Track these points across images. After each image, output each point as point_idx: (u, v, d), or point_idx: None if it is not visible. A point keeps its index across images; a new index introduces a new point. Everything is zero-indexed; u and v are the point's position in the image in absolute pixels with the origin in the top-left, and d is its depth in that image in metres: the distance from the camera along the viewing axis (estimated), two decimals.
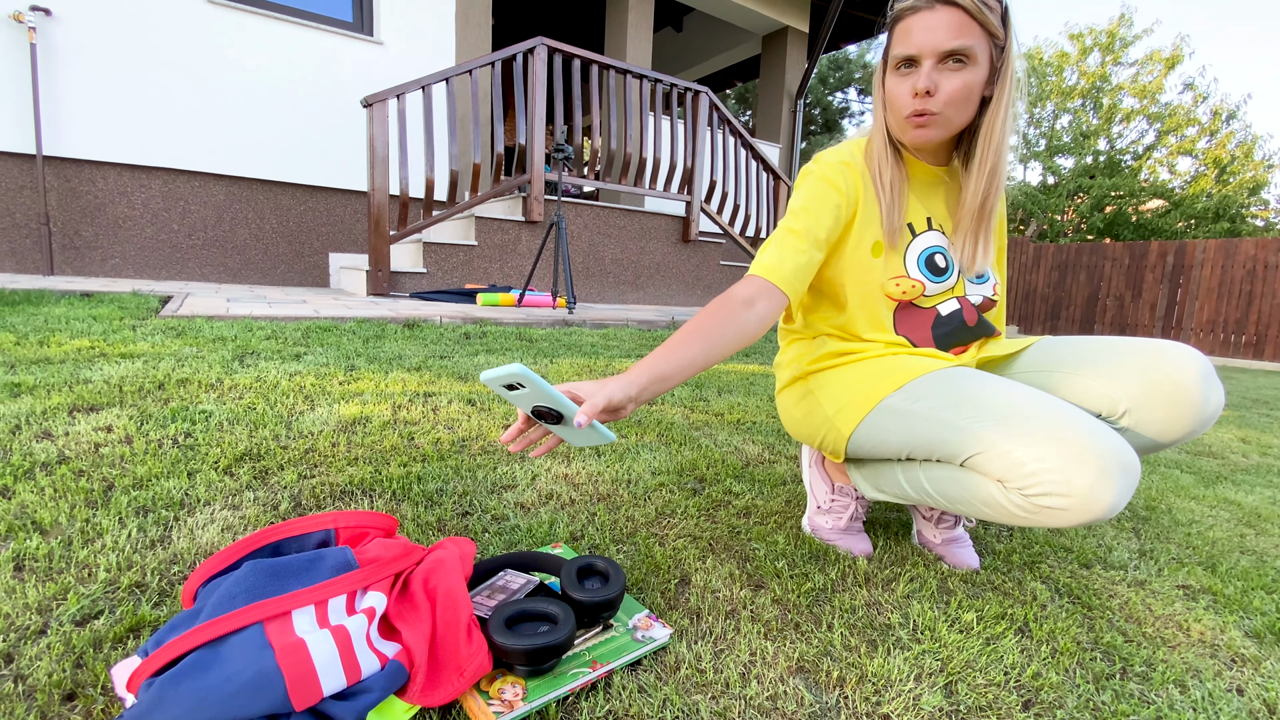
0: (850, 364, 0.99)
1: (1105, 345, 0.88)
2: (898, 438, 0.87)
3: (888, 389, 0.89)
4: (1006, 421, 0.74)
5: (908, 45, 0.85)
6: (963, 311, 0.99)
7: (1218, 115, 13.04)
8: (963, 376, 0.84)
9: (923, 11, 0.84)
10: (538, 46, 4.03)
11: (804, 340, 1.08)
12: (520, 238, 4.24)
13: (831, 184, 0.94)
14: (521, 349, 2.57)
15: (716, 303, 0.85)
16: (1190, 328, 8.42)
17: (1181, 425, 0.80)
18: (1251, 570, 1.23)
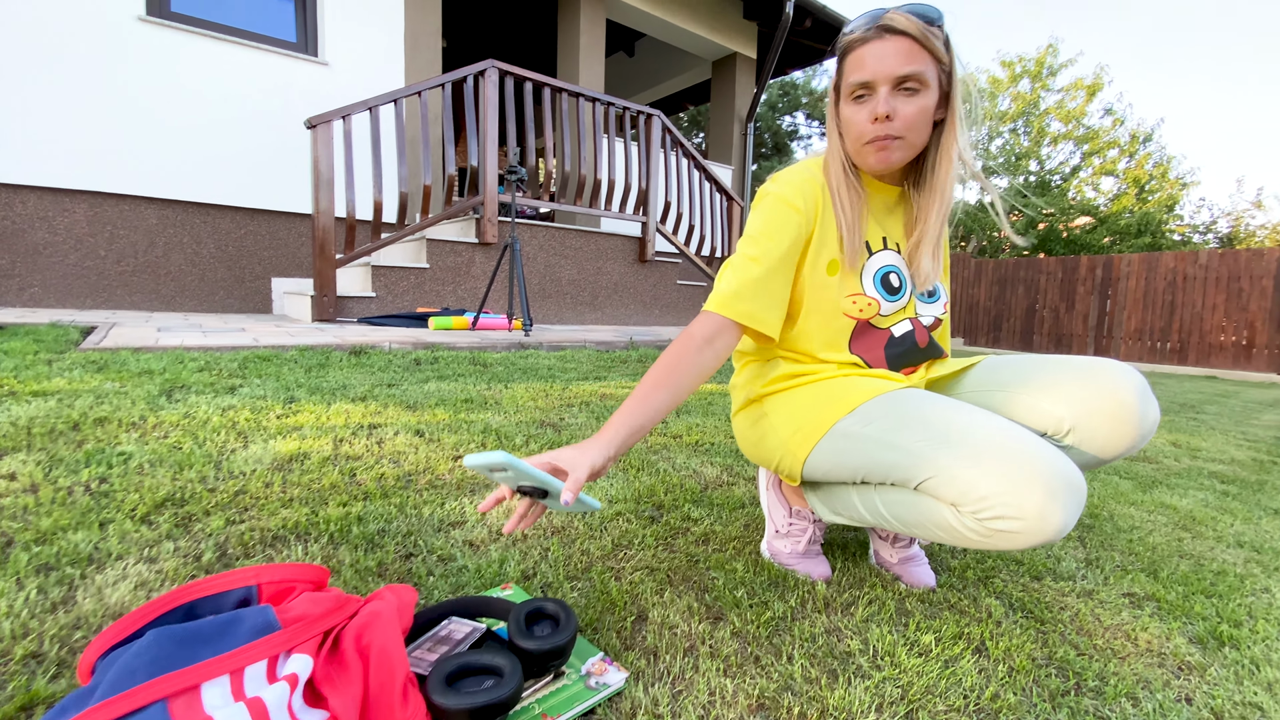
0: (804, 385, 0.98)
1: (1047, 364, 0.90)
2: (852, 461, 0.87)
3: (841, 412, 0.89)
4: (958, 445, 0.74)
5: (862, 73, 0.87)
6: (915, 333, 1.00)
7: (1135, 138, 13.99)
8: (914, 398, 0.85)
9: (873, 42, 0.87)
10: (488, 69, 4.01)
11: (758, 362, 1.08)
12: (474, 260, 4.17)
13: (789, 204, 0.94)
14: (475, 374, 2.51)
15: (677, 344, 0.88)
16: (1120, 336, 8.90)
17: (1123, 440, 0.82)
18: (1190, 574, 1.27)
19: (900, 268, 1.00)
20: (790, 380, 1.00)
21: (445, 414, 1.85)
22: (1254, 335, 7.68)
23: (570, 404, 2.16)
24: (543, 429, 1.81)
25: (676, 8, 7.10)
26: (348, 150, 3.51)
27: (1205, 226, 14.69)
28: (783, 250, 0.93)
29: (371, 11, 4.82)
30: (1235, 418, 3.82)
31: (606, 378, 2.74)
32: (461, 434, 1.67)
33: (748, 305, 0.92)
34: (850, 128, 0.91)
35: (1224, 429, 3.27)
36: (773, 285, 0.93)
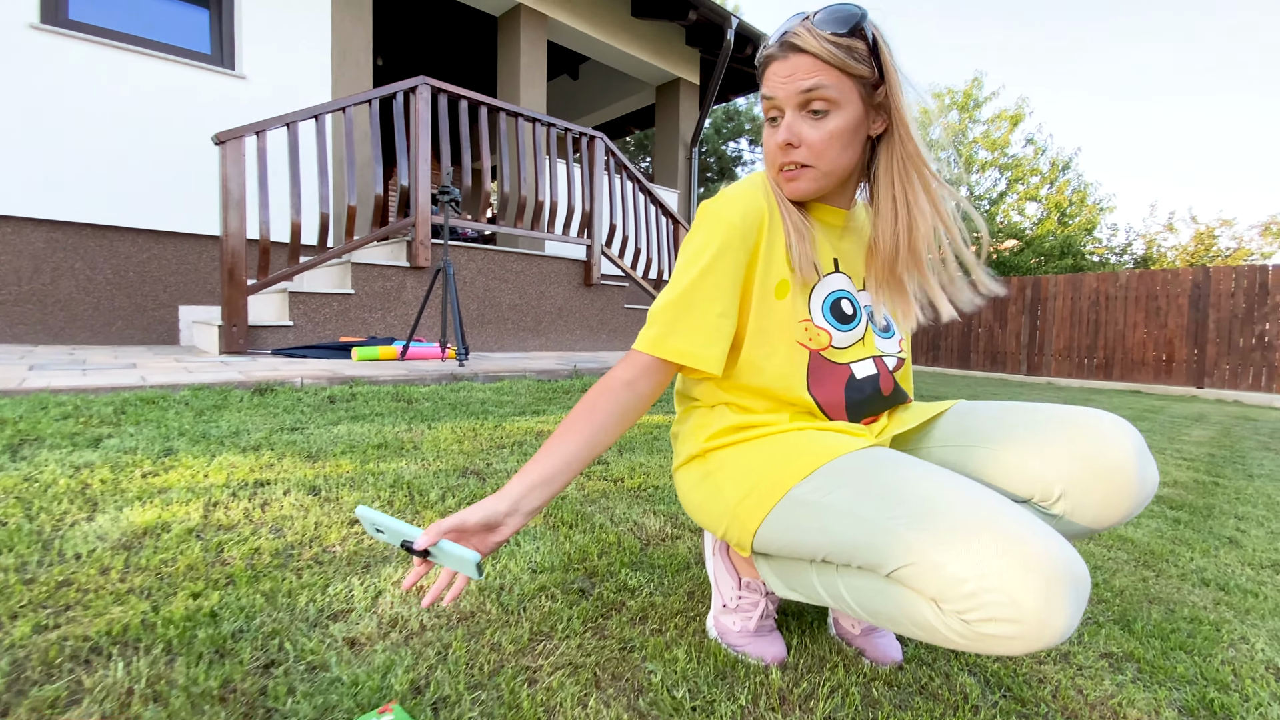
0: (753, 440, 0.84)
1: (1028, 416, 0.78)
2: (811, 538, 0.72)
3: (796, 475, 0.74)
4: (936, 522, 0.60)
5: (768, 91, 0.80)
6: (879, 378, 0.87)
7: (1055, 166, 14.89)
8: (882, 461, 0.71)
9: (776, 61, 0.79)
10: (420, 85, 3.82)
11: (701, 409, 0.92)
12: (405, 285, 3.92)
13: (729, 222, 0.81)
14: (397, 412, 2.28)
15: (595, 388, 0.80)
16: (1050, 353, 9.29)
17: (1119, 509, 0.71)
18: (1164, 624, 1.18)
19: (853, 294, 0.88)
20: (737, 434, 0.85)
21: (351, 464, 1.63)
22: (1172, 351, 8.12)
23: (501, 445, 1.96)
24: (465, 478, 1.60)
25: (619, 32, 7.09)
26: (262, 168, 3.24)
27: (1121, 248, 15.70)
28: (722, 274, 0.80)
29: (296, 24, 4.56)
30: (1167, 434, 3.93)
31: (545, 411, 2.55)
32: (366, 489, 1.46)
33: (680, 341, 0.79)
34: (765, 153, 0.83)
35: (1159, 447, 3.33)
36: (710, 315, 0.80)
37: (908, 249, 0.85)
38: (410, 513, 1.35)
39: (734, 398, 0.88)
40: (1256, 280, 7.54)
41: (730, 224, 0.80)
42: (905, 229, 0.85)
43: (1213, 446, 3.54)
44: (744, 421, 0.86)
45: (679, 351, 0.79)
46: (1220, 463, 3.00)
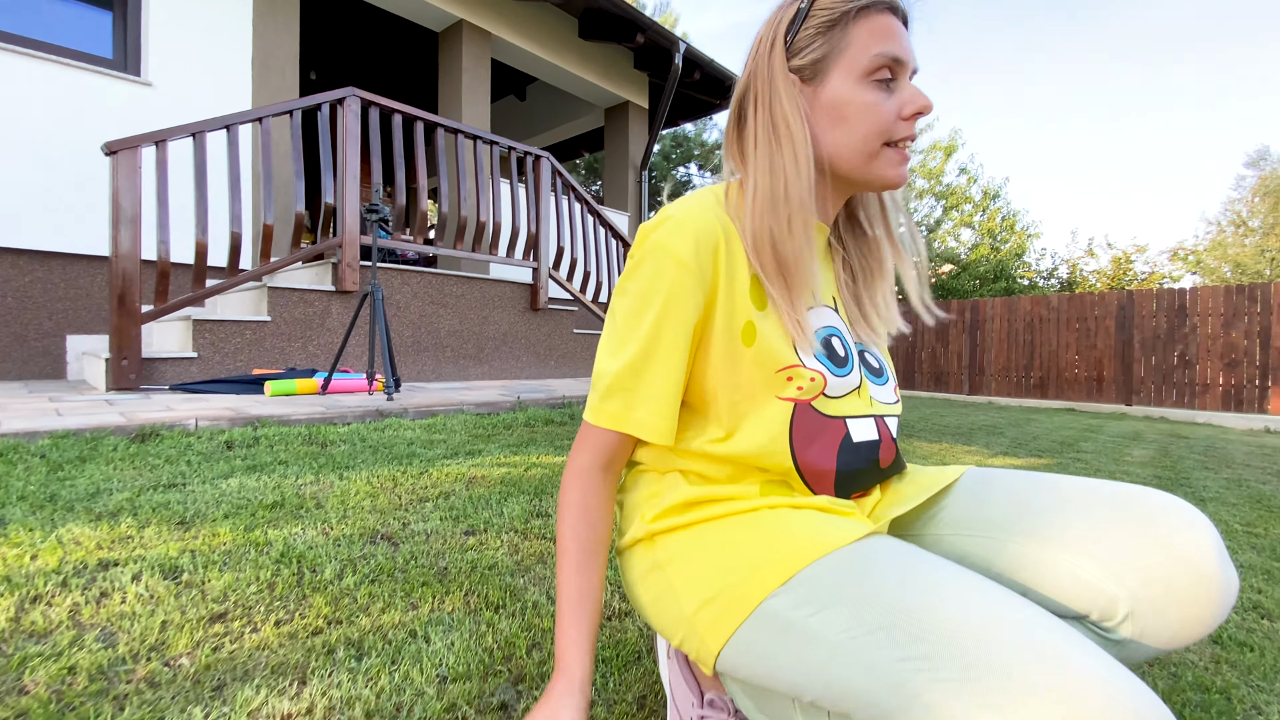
0: (714, 522, 0.65)
1: (1071, 497, 0.61)
2: (794, 673, 0.53)
3: (771, 581, 0.56)
4: (975, 674, 0.42)
5: (898, 47, 0.64)
6: (880, 445, 0.69)
7: (986, 194, 15.66)
8: (885, 564, 0.53)
9: (889, 16, 0.65)
10: (349, 97, 3.56)
11: (650, 474, 0.72)
12: (330, 310, 3.60)
13: (679, 261, 0.62)
14: (305, 459, 1.99)
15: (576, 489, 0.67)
16: (990, 373, 9.58)
17: (1196, 628, 0.54)
18: (1172, 695, 1.04)
19: (844, 331, 0.70)
20: (694, 511, 0.66)
21: (231, 532, 1.35)
22: (1102, 370, 8.48)
23: (424, 498, 1.71)
24: (373, 545, 1.35)
25: (566, 53, 6.99)
26: (161, 182, 2.90)
27: (1048, 272, 16.58)
28: (677, 328, 0.62)
29: (212, 29, 4.22)
30: (1110, 455, 3.98)
31: (482, 452, 2.30)
32: (243, 568, 1.19)
33: (644, 413, 0.63)
34: (864, 119, 0.63)
35: (1108, 469, 3.34)
36: (669, 381, 0.63)
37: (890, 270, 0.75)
38: (296, 598, 1.09)
39: (690, 463, 0.69)
40: (1175, 303, 7.97)
41: (681, 261, 0.62)
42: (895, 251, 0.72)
43: (1156, 468, 3.58)
44: (702, 495, 0.66)
45: (641, 424, 0.63)
46: (1168, 485, 3.01)
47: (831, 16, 0.64)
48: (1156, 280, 16.27)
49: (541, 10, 6.58)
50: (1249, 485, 3.15)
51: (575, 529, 0.65)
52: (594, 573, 0.65)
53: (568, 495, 0.66)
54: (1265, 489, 3.07)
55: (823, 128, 0.65)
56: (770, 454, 0.65)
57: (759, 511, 0.63)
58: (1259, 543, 2.08)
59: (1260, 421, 7.24)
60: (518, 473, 2.03)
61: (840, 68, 0.64)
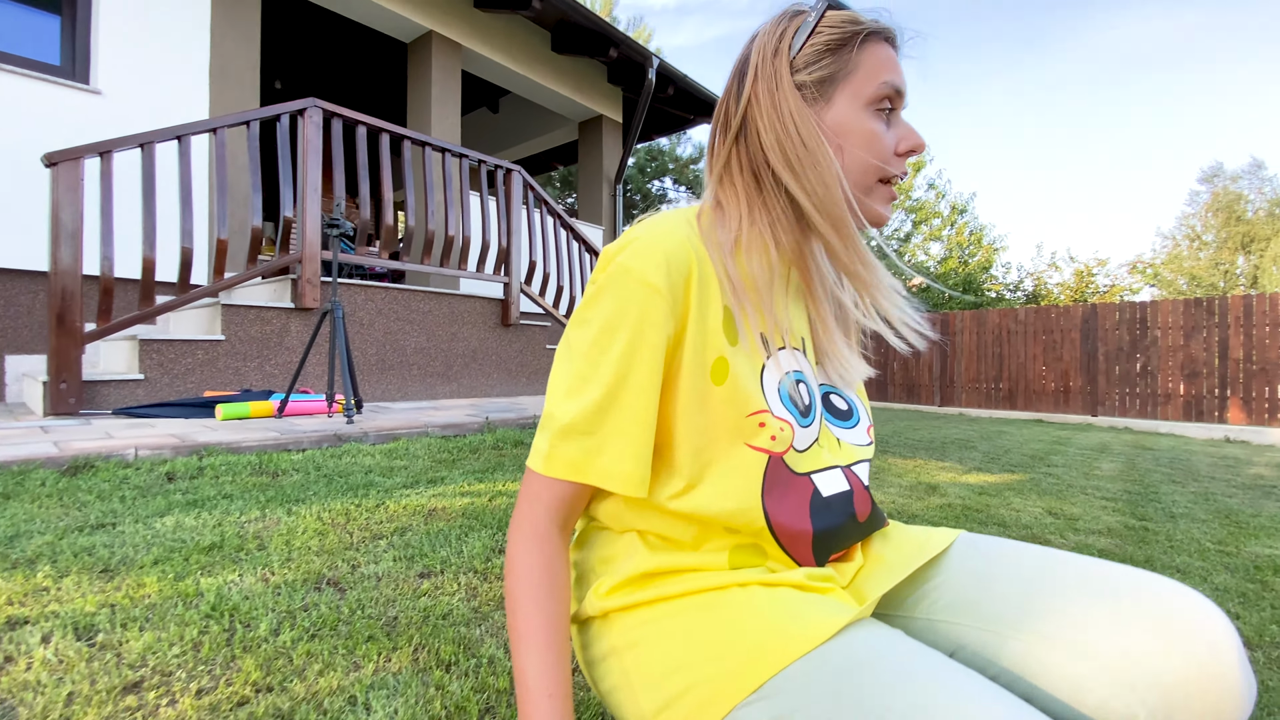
0: (674, 602, 0.57)
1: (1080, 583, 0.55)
2: None
3: (739, 689, 0.48)
4: None
5: (901, 79, 0.61)
6: (853, 496, 0.63)
7: (955, 209, 16.02)
8: (866, 665, 0.46)
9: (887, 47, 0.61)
10: (310, 108, 3.44)
11: (606, 533, 0.65)
12: (289, 328, 3.45)
13: (650, 288, 0.55)
14: (253, 491, 1.86)
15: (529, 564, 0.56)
16: (960, 385, 9.71)
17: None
18: None
19: (809, 377, 0.64)
20: (654, 585, 0.58)
21: (158, 582, 1.23)
22: (1069, 381, 8.65)
23: (378, 534, 1.60)
24: (317, 593, 1.24)
25: (539, 66, 6.94)
26: (106, 195, 2.75)
27: (1015, 285, 16.99)
28: (646, 362, 0.55)
29: (166, 35, 4.07)
30: (1080, 469, 4.01)
31: (445, 479, 2.19)
32: (166, 627, 1.08)
33: (609, 460, 0.54)
34: (870, 149, 0.60)
35: (1080, 485, 3.35)
36: (640, 422, 0.55)
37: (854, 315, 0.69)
38: (223, 660, 0.99)
39: (649, 521, 0.61)
40: (1137, 315, 8.19)
41: (652, 288, 0.55)
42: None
43: (1125, 482, 3.61)
44: (663, 566, 0.59)
45: (610, 474, 0.55)
46: (1139, 500, 3.02)
47: (841, 36, 0.60)
48: (1117, 293, 16.78)
49: (513, 23, 6.53)
50: (1216, 499, 3.19)
51: (539, 602, 0.55)
52: (565, 649, 0.55)
53: (522, 562, 0.56)
54: (1232, 502, 3.11)
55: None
56: (741, 512, 0.57)
57: (728, 591, 0.56)
58: (1232, 562, 2.08)
59: (1220, 431, 7.44)
60: (481, 503, 1.93)
61: (846, 92, 0.60)
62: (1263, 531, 2.53)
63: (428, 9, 5.66)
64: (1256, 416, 7.31)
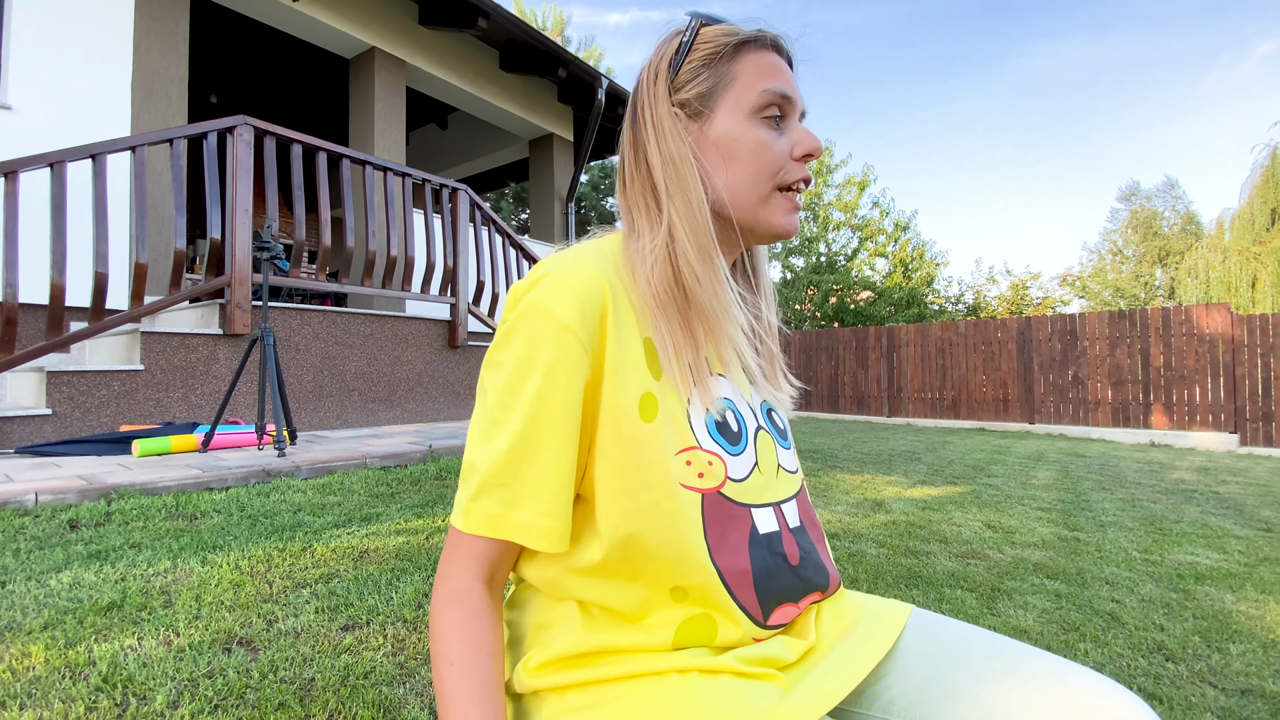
0: (608, 688, 0.52)
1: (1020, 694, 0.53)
2: None
3: None
4: None
5: (785, 84, 0.59)
6: (781, 537, 0.59)
7: (898, 226, 16.61)
8: None
9: (774, 55, 0.60)
10: (240, 126, 3.30)
11: (537, 597, 0.60)
12: (217, 355, 3.27)
13: (562, 327, 0.51)
14: (167, 539, 1.73)
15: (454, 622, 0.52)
16: (907, 396, 10.01)
17: None
18: None
19: (738, 402, 0.61)
20: (581, 667, 0.53)
21: (46, 650, 1.12)
22: (1007, 391, 9.02)
23: (302, 582, 1.51)
24: (225, 656, 1.15)
25: (487, 84, 6.89)
26: (10, 217, 2.56)
27: (956, 298, 17.70)
28: (562, 406, 0.51)
29: (84, 45, 3.85)
30: (1018, 479, 4.16)
31: (380, 516, 2.09)
32: (49, 704, 0.97)
33: (528, 513, 0.51)
34: (757, 157, 0.58)
35: (1017, 495, 3.47)
36: (558, 471, 0.52)
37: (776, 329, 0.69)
38: None
39: (587, 588, 0.55)
40: (1067, 327, 8.62)
41: (563, 325, 0.51)
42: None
43: (1059, 490, 3.76)
44: (599, 646, 0.54)
45: (528, 529, 0.51)
46: (1071, 509, 3.15)
47: (716, 49, 0.59)
48: (1049, 305, 17.68)
49: (460, 41, 6.47)
50: (1142, 506, 3.36)
51: (467, 665, 0.50)
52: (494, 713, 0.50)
53: (443, 618, 0.51)
54: (1156, 509, 3.27)
55: (714, 166, 0.59)
56: (683, 559, 0.53)
57: (666, 677, 0.52)
58: (1157, 571, 2.17)
59: (1145, 436, 7.87)
60: (418, 541, 1.85)
61: (727, 102, 0.59)
62: (1184, 538, 2.66)
63: (370, 25, 5.56)
64: (1177, 420, 7.78)
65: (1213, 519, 3.09)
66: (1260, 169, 13.21)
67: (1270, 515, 3.25)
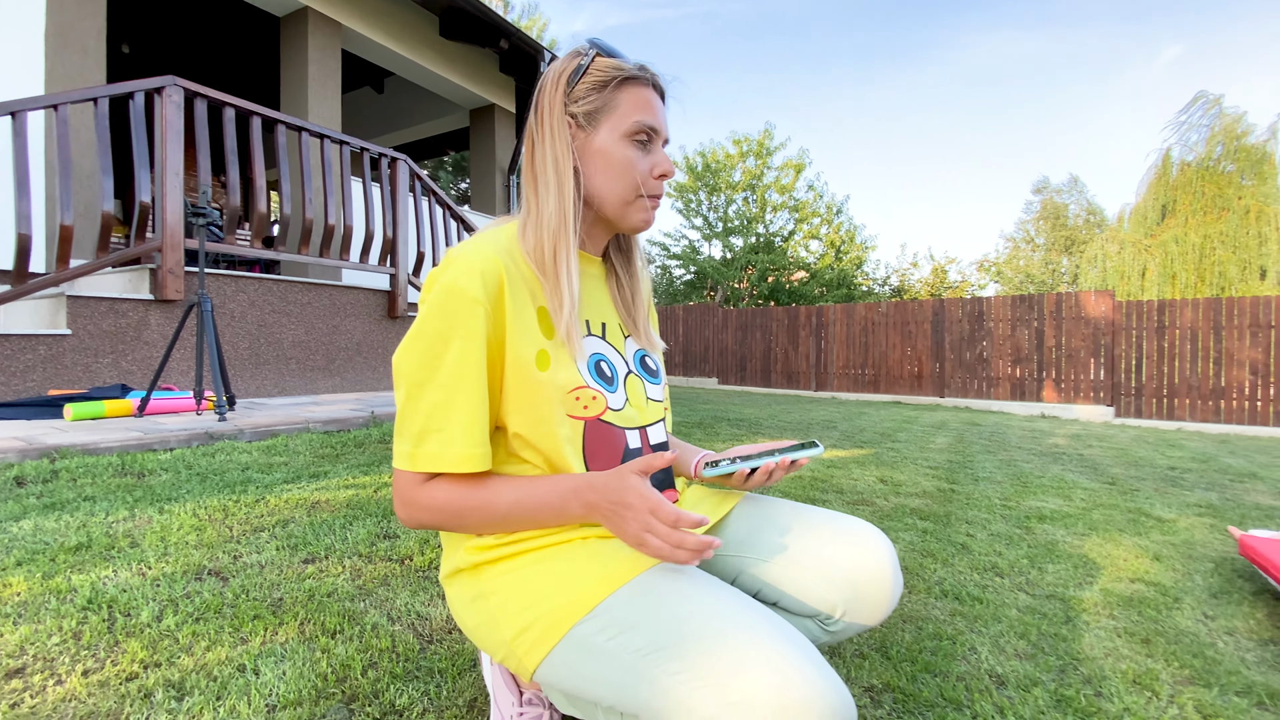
0: (528, 555, 0.74)
1: (811, 530, 0.82)
2: (596, 687, 0.65)
3: (578, 610, 0.67)
4: (724, 680, 0.57)
5: (653, 117, 0.78)
6: (642, 452, 0.82)
7: (831, 209, 17.28)
8: (661, 591, 0.66)
9: (649, 90, 0.79)
10: (169, 86, 3.23)
11: None
12: (148, 321, 3.24)
13: (471, 299, 0.70)
14: (119, 493, 1.82)
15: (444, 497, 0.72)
16: (833, 371, 10.62)
17: (880, 614, 0.80)
18: (915, 645, 1.31)
19: (608, 355, 0.83)
20: (507, 544, 0.75)
21: (26, 581, 1.24)
22: (922, 367, 9.74)
23: (260, 527, 1.65)
24: (198, 583, 1.30)
25: (426, 51, 6.77)
26: None
27: (882, 280, 18.68)
28: (472, 360, 0.70)
29: None
30: (919, 444, 4.64)
31: (328, 474, 2.23)
32: (42, 620, 1.11)
33: (434, 447, 0.69)
34: (622, 173, 0.77)
35: (913, 457, 3.91)
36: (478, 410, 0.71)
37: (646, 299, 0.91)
38: (107, 645, 1.05)
39: None
40: (975, 310, 9.36)
41: (472, 299, 0.70)
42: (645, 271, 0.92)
43: (951, 453, 4.24)
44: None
45: (464, 459, 0.70)
46: (955, 469, 3.59)
47: (605, 78, 0.77)
48: (966, 288, 18.91)
49: (398, 4, 6.32)
50: (1016, 465, 3.85)
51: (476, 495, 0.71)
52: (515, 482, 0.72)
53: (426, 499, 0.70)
54: (1027, 468, 3.77)
55: (594, 169, 0.77)
56: (567, 470, 0.75)
57: (571, 543, 0.74)
58: (1010, 514, 2.58)
59: (1037, 409, 8.72)
60: (367, 494, 2.01)
61: (609, 123, 0.77)
62: (1041, 489, 3.12)
63: None
64: (1065, 395, 8.65)
65: (1069, 475, 3.60)
66: (1154, 168, 14.45)
67: (1118, 472, 3.81)
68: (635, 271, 0.89)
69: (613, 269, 0.89)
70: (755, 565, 0.83)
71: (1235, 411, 7.66)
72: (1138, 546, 2.16)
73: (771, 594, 0.82)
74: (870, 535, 0.80)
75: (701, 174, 17.17)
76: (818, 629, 0.81)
